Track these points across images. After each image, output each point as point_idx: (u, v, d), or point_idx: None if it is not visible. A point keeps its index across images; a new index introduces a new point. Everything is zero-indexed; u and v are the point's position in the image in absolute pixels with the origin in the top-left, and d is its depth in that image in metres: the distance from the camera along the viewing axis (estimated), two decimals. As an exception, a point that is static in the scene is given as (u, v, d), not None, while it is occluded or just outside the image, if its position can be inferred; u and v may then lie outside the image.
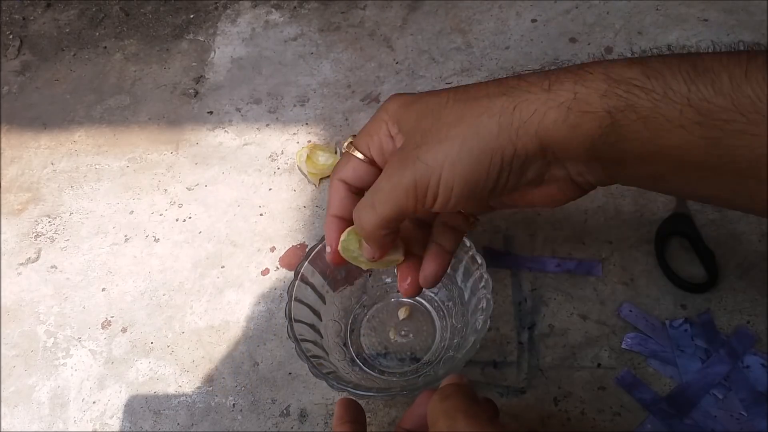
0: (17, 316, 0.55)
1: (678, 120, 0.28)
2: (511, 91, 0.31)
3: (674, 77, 0.28)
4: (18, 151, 0.67)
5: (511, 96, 0.31)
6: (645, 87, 0.28)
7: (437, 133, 0.32)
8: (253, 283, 0.54)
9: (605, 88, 0.29)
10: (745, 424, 0.42)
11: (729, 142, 0.27)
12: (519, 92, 0.31)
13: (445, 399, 0.30)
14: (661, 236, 0.50)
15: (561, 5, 0.69)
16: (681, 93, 0.28)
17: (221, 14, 0.76)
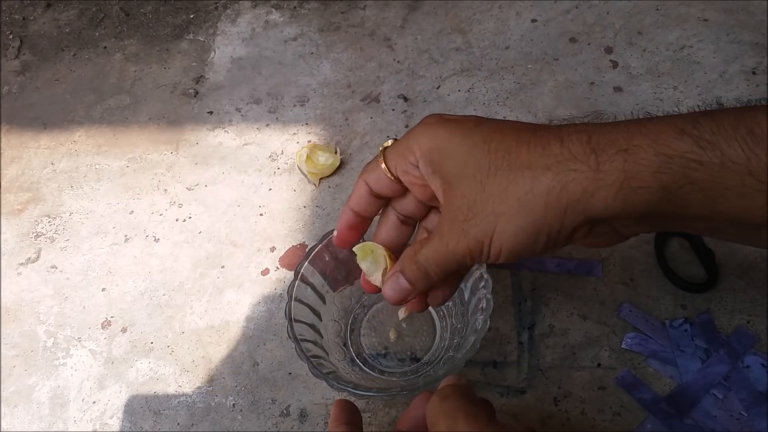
0: (17, 316, 0.55)
1: (739, 189, 0.27)
2: (557, 166, 0.30)
3: (731, 146, 0.27)
4: (18, 151, 0.67)
5: (558, 173, 0.30)
6: (701, 160, 0.27)
7: (483, 206, 0.32)
8: (253, 283, 0.54)
9: (658, 164, 0.28)
10: (745, 424, 0.42)
11: None
12: (565, 169, 0.30)
13: (444, 400, 0.30)
14: (661, 236, 0.50)
15: (561, 5, 0.69)
16: (740, 162, 0.27)
17: (221, 14, 0.76)
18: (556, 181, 0.30)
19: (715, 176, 0.27)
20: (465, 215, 0.33)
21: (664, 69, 0.61)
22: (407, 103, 0.64)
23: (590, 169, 0.29)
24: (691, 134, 0.28)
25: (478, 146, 0.32)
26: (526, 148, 0.31)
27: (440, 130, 0.34)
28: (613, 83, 0.61)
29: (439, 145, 0.34)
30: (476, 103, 0.62)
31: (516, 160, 0.31)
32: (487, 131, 0.33)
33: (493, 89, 0.63)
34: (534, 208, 0.31)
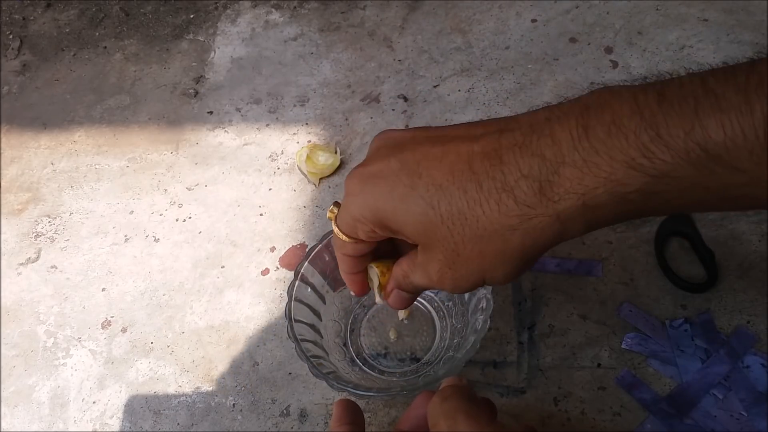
0: (17, 316, 0.55)
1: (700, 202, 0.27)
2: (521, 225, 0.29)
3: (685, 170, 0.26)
4: (18, 151, 0.67)
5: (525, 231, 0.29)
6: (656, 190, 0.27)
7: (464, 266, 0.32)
8: (253, 283, 0.54)
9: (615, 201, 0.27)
10: (745, 424, 0.42)
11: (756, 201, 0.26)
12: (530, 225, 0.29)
13: (445, 400, 0.30)
14: (661, 236, 0.50)
15: (561, 5, 0.69)
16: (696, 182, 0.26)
17: (221, 14, 0.76)
18: (526, 238, 0.30)
19: (672, 199, 0.27)
20: (451, 273, 0.33)
21: (664, 69, 0.61)
22: (407, 103, 0.64)
23: (552, 218, 0.29)
24: (642, 168, 0.26)
25: (427, 214, 0.31)
26: (481, 211, 0.30)
27: (372, 196, 0.32)
28: (613, 83, 0.61)
29: (383, 212, 0.32)
30: (476, 103, 0.62)
31: (477, 226, 0.30)
32: (424, 188, 0.31)
33: (493, 89, 0.63)
34: (513, 260, 0.31)
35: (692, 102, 0.25)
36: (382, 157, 0.33)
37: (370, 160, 0.34)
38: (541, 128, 0.28)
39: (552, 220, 0.29)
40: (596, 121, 0.27)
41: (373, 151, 0.34)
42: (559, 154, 0.27)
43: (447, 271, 0.33)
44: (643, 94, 0.26)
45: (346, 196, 0.34)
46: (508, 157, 0.29)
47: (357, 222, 0.34)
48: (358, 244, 0.36)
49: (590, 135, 0.27)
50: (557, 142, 0.27)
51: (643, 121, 0.25)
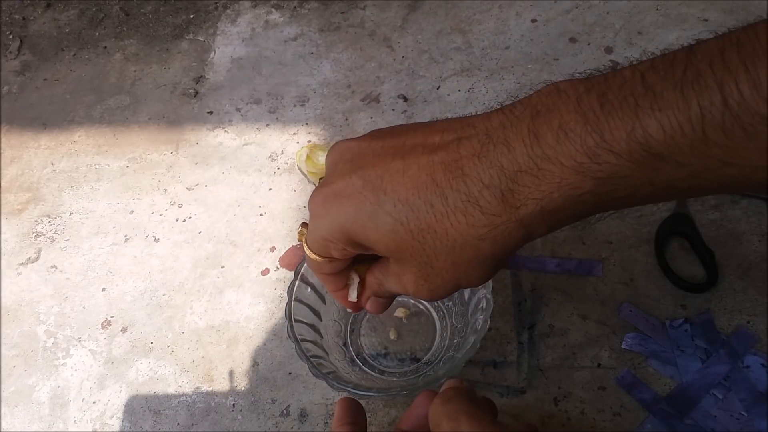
0: (17, 316, 0.55)
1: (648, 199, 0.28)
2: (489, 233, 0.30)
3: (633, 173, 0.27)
4: (18, 151, 0.67)
5: (494, 239, 0.30)
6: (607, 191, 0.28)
7: (438, 276, 0.33)
8: (253, 283, 0.54)
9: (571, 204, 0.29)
10: (745, 424, 0.42)
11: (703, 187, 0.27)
12: (497, 232, 0.30)
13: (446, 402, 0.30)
14: (661, 236, 0.50)
15: (561, 5, 0.69)
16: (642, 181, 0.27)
17: (221, 14, 0.76)
18: (496, 245, 0.30)
19: (623, 197, 0.28)
20: (426, 284, 0.33)
21: (664, 69, 0.61)
22: (407, 103, 0.64)
23: (517, 224, 0.29)
24: (590, 172, 0.27)
25: (397, 230, 0.31)
26: (449, 224, 0.30)
27: (338, 216, 0.32)
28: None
29: (352, 232, 0.32)
30: (476, 103, 0.62)
31: (447, 239, 0.31)
32: (391, 204, 0.31)
33: (493, 89, 0.63)
34: (485, 265, 0.32)
35: (632, 102, 0.25)
36: (343, 173, 0.32)
37: (330, 178, 0.33)
38: (497, 136, 0.29)
39: (516, 226, 0.30)
40: (546, 128, 0.28)
41: (332, 167, 0.34)
42: (515, 162, 0.28)
43: (422, 282, 0.33)
44: (587, 95, 0.27)
45: (312, 218, 0.34)
46: (469, 168, 0.29)
47: (327, 242, 0.33)
48: (334, 263, 0.35)
49: (541, 142, 0.28)
50: (512, 151, 0.28)
51: (587, 126, 0.26)
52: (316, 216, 0.34)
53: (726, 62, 0.25)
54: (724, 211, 0.52)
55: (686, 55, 0.26)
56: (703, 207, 0.52)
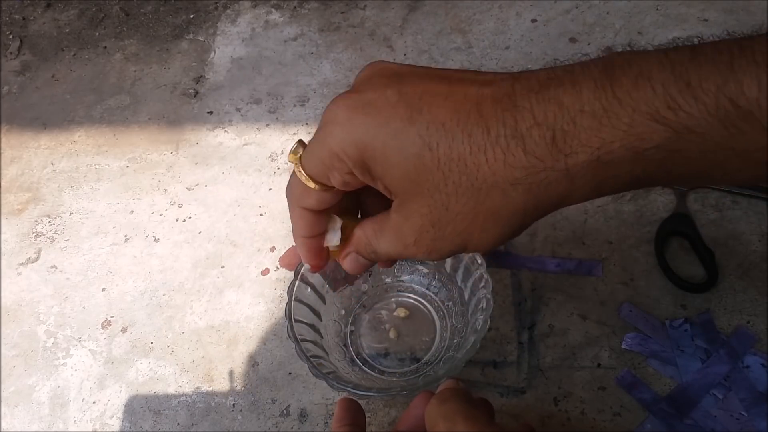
0: (17, 316, 0.55)
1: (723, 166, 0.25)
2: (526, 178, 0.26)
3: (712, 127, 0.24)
4: (18, 151, 0.67)
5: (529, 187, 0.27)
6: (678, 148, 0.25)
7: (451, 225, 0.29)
8: (253, 283, 0.54)
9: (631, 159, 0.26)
10: (745, 424, 0.42)
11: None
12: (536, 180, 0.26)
13: (443, 402, 0.30)
14: (661, 236, 0.50)
15: (561, 5, 0.69)
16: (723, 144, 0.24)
17: (221, 14, 0.76)
18: (529, 196, 0.27)
19: (694, 160, 0.25)
20: (432, 234, 0.29)
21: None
22: (407, 103, 0.64)
23: (561, 174, 0.26)
24: (665, 121, 0.24)
25: (423, 156, 0.27)
26: (484, 159, 0.26)
27: (361, 127, 0.28)
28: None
29: (370, 149, 0.28)
30: (476, 103, 0.62)
31: (477, 176, 0.27)
32: (424, 125, 0.27)
33: (493, 89, 0.63)
34: (509, 221, 0.28)
35: (727, 56, 0.23)
36: (377, 86, 0.28)
37: (360, 88, 0.29)
38: (561, 77, 0.26)
39: (561, 176, 0.26)
40: (622, 72, 0.25)
41: (364, 79, 0.29)
42: (578, 101, 0.25)
43: (429, 229, 0.29)
44: (675, 51, 0.24)
45: (324, 126, 0.29)
46: (523, 102, 0.26)
47: (334, 160, 0.29)
48: (324, 193, 0.31)
49: (615, 84, 0.25)
50: (578, 90, 0.25)
51: (673, 74, 0.24)
52: (331, 123, 0.28)
53: None
54: (724, 211, 0.52)
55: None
56: (703, 207, 0.52)
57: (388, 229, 0.31)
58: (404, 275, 0.51)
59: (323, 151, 0.29)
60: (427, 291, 0.50)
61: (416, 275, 0.51)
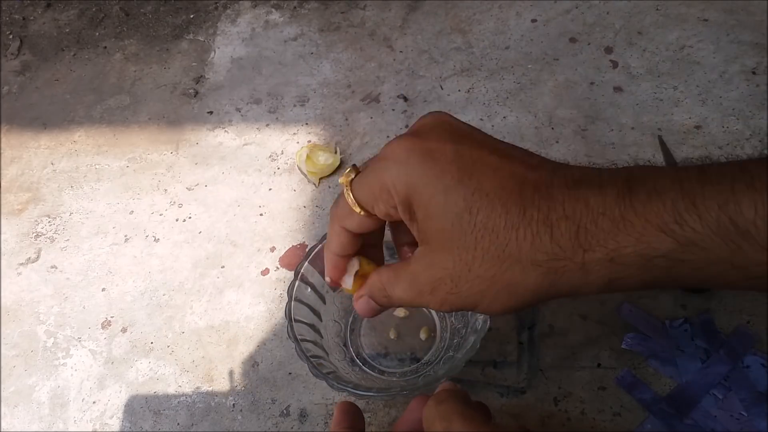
0: (17, 316, 0.55)
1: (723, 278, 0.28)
2: (547, 263, 0.29)
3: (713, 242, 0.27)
4: (18, 151, 0.67)
5: (547, 271, 0.29)
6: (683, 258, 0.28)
7: (469, 285, 0.31)
8: (253, 283, 0.54)
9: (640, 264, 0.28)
10: (745, 424, 0.42)
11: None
12: (554, 267, 0.29)
13: (440, 403, 0.31)
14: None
15: (561, 5, 0.69)
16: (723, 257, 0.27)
17: (221, 14, 0.76)
18: (545, 278, 0.30)
19: (697, 269, 0.28)
20: (448, 288, 0.32)
21: (664, 69, 0.61)
22: (407, 103, 0.64)
23: (577, 266, 0.29)
24: (672, 234, 0.27)
25: (462, 216, 0.30)
26: (515, 236, 0.29)
27: (415, 171, 0.31)
28: (613, 83, 0.61)
29: (418, 194, 0.31)
30: (476, 103, 0.62)
31: (504, 248, 0.30)
32: (470, 189, 0.30)
33: (493, 89, 0.63)
34: (522, 296, 0.31)
35: (729, 180, 0.26)
36: (439, 137, 0.31)
37: (424, 135, 0.31)
38: (591, 179, 0.29)
39: (577, 267, 0.29)
40: (640, 184, 0.28)
41: (428, 126, 0.32)
42: (602, 205, 0.28)
43: (447, 282, 0.31)
44: (685, 170, 0.28)
45: (381, 159, 0.31)
46: (558, 194, 0.29)
47: (383, 192, 0.31)
48: (366, 219, 0.34)
49: (633, 195, 0.28)
50: (603, 194, 0.28)
51: (681, 191, 0.27)
52: (389, 159, 0.31)
53: None
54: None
55: None
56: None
57: (405, 275, 0.33)
58: (404, 275, 0.51)
59: (375, 182, 0.32)
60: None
61: (416, 275, 0.51)
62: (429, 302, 0.33)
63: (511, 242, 0.29)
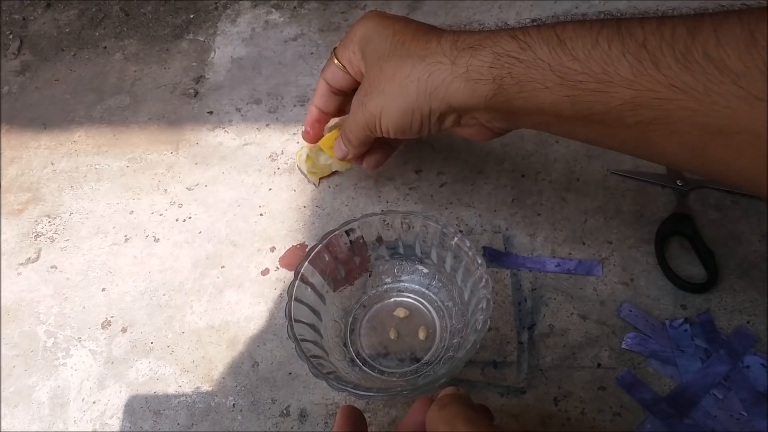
0: (17, 316, 0.55)
1: (544, 82, 0.35)
2: (429, 57, 0.39)
3: (540, 47, 0.35)
4: (18, 151, 0.67)
5: (428, 63, 0.39)
6: (520, 58, 0.36)
7: (377, 85, 0.42)
8: (253, 283, 0.54)
9: (492, 60, 0.37)
10: (745, 424, 0.42)
11: (586, 98, 0.33)
12: (433, 61, 0.39)
13: (443, 407, 0.31)
14: (661, 236, 0.50)
15: (561, 5, 0.69)
16: (545, 60, 0.35)
17: (221, 14, 0.76)
18: (425, 69, 0.39)
19: (528, 71, 0.35)
20: (366, 91, 0.43)
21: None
22: (407, 103, 0.64)
23: (449, 62, 0.38)
24: (517, 38, 0.36)
25: (388, 37, 0.42)
26: (415, 42, 0.40)
27: (371, 22, 0.44)
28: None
29: (367, 34, 0.44)
30: (476, 103, 0.62)
31: (407, 50, 0.40)
32: (400, 26, 0.42)
33: (493, 89, 0.63)
34: (409, 90, 0.40)
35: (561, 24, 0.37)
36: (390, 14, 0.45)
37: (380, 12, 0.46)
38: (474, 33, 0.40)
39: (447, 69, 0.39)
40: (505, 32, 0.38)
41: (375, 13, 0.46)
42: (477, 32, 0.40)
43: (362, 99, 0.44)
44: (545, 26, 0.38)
45: (354, 25, 0.46)
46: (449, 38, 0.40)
47: (351, 42, 0.45)
48: (341, 73, 0.48)
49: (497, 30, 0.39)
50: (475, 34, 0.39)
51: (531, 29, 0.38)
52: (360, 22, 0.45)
53: None
54: (724, 211, 0.52)
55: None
56: (703, 207, 0.52)
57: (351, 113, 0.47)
58: (404, 275, 0.51)
59: (348, 38, 0.46)
60: (427, 291, 0.50)
61: (416, 275, 0.51)
62: (355, 114, 0.45)
63: (412, 46, 0.41)
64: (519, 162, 0.57)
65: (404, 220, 0.47)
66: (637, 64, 0.31)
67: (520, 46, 0.36)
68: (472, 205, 0.56)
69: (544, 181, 0.56)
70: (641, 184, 0.54)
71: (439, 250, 0.47)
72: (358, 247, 0.49)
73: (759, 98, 0.27)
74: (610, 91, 0.32)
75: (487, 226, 0.54)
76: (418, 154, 0.59)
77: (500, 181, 0.57)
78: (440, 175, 0.58)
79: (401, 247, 0.49)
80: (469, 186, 0.57)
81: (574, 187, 0.55)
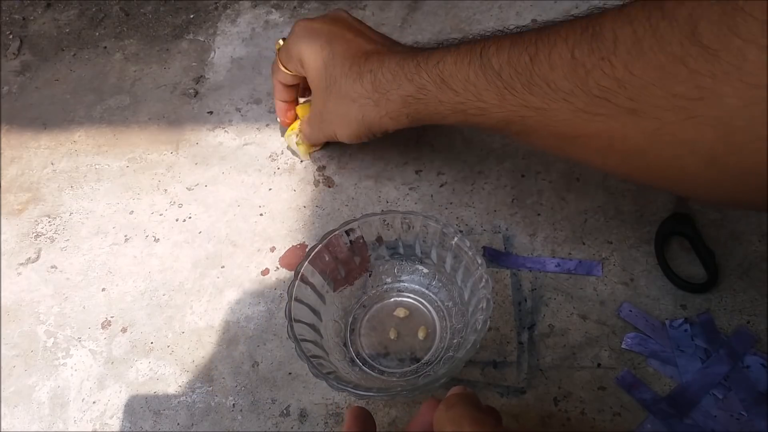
0: (17, 316, 0.55)
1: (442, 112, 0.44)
2: (358, 100, 0.47)
3: (431, 87, 0.43)
4: (18, 151, 0.67)
5: (360, 106, 0.48)
6: (420, 98, 0.44)
7: (327, 116, 0.51)
8: (253, 283, 0.54)
9: (401, 103, 0.46)
10: (745, 424, 0.42)
11: (474, 120, 0.42)
12: (362, 103, 0.47)
13: (451, 407, 0.31)
14: (661, 236, 0.50)
15: (561, 5, 0.69)
16: (437, 97, 0.43)
17: (221, 14, 0.76)
18: (359, 111, 0.48)
19: (428, 107, 0.44)
20: (319, 119, 0.53)
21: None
22: (407, 103, 0.64)
23: (374, 103, 0.47)
24: (414, 81, 0.44)
25: (321, 70, 0.49)
26: (344, 82, 0.48)
27: (306, 45, 0.50)
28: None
29: (303, 58, 0.51)
30: (476, 103, 0.62)
31: (340, 90, 0.48)
32: (328, 54, 0.49)
33: (493, 89, 0.63)
34: (351, 125, 0.49)
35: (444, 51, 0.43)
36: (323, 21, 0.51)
37: (315, 20, 0.52)
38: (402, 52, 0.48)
39: (375, 109, 0.47)
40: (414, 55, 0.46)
41: (322, 16, 0.53)
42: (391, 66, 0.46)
43: (320, 118, 0.52)
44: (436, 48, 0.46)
45: (290, 36, 0.52)
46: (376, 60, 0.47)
47: (291, 56, 0.52)
48: (288, 74, 0.55)
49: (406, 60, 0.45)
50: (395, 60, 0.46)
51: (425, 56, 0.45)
52: (293, 35, 0.52)
53: None
54: (724, 211, 0.52)
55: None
56: (703, 207, 0.52)
57: (307, 117, 0.56)
58: (404, 275, 0.51)
59: (287, 50, 0.53)
60: (427, 291, 0.50)
61: (416, 275, 0.51)
62: (318, 133, 0.55)
63: (343, 87, 0.48)
64: (519, 162, 0.57)
65: (404, 220, 0.47)
66: (498, 93, 0.39)
67: (418, 89, 0.44)
68: (472, 205, 0.56)
69: (544, 181, 0.56)
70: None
71: (439, 250, 0.47)
72: (358, 247, 0.49)
73: (584, 111, 0.34)
74: (487, 114, 0.40)
75: (487, 226, 0.54)
76: (418, 154, 0.60)
77: (500, 181, 0.57)
78: (440, 175, 0.58)
79: (401, 247, 0.49)
80: (469, 186, 0.57)
81: (574, 187, 0.55)
